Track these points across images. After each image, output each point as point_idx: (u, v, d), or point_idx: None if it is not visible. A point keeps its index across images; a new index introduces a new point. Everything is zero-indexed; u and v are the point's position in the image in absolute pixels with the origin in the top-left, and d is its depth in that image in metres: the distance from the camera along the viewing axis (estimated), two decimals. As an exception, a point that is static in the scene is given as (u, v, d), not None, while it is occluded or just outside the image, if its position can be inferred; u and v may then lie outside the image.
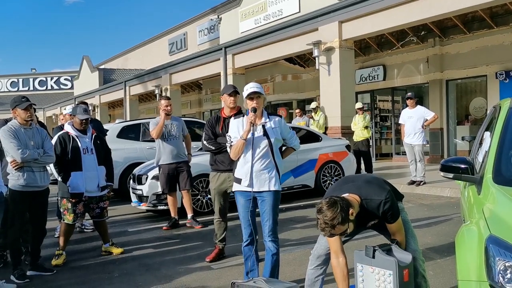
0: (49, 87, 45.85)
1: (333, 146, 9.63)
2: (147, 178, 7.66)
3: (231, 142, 3.97)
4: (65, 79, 45.32)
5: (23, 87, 45.86)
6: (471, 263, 2.44)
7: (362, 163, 11.18)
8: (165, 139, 6.79)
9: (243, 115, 4.06)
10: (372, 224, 3.19)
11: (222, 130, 4.81)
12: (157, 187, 7.41)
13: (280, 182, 3.97)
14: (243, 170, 3.91)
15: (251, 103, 3.85)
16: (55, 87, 45.64)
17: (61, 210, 5.40)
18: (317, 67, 12.96)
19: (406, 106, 10.20)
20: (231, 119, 4.17)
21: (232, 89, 4.76)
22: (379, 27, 11.71)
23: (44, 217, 4.95)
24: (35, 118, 5.00)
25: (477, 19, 12.88)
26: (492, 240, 2.35)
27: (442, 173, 3.47)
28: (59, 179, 5.27)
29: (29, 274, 4.78)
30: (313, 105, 13.00)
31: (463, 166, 3.30)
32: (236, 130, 3.98)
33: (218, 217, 5.06)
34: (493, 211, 2.65)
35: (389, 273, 2.82)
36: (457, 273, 2.53)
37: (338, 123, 12.21)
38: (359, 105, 11.49)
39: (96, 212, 5.46)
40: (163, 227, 6.86)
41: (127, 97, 25.52)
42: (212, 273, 4.75)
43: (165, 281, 4.55)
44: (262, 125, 3.90)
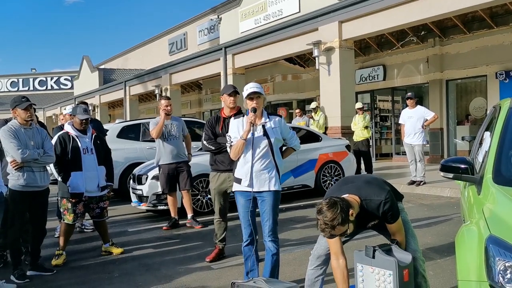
0: (49, 87, 45.85)
1: (333, 146, 9.63)
2: (147, 178, 7.66)
3: (231, 142, 3.97)
4: (65, 79, 45.32)
5: (23, 87, 45.86)
6: (471, 263, 2.44)
7: (362, 163, 11.18)
8: (165, 139, 6.79)
9: (243, 115, 4.06)
10: (372, 224, 3.19)
11: (222, 130, 4.81)
12: (157, 187, 7.42)
13: (280, 182, 3.97)
14: (243, 170, 3.91)
15: (251, 103, 3.85)
16: (55, 87, 45.64)
17: (61, 210, 5.40)
18: (317, 67, 12.96)
19: (406, 106, 10.20)
20: (231, 119, 4.16)
21: (232, 89, 4.76)
22: (379, 27, 11.71)
23: (44, 217, 4.95)
24: (35, 118, 5.00)
25: (477, 19, 12.88)
26: (492, 240, 2.35)
27: (442, 173, 3.47)
28: (59, 179, 5.27)
29: (29, 274, 4.78)
30: (313, 105, 13.00)
31: (463, 166, 3.30)
32: (236, 130, 3.98)
33: (218, 217, 5.06)
34: (493, 211, 2.65)
35: (389, 273, 2.83)
36: (457, 273, 2.53)
37: (338, 123, 12.21)
38: (359, 105, 11.49)
39: (96, 212, 5.47)
40: (163, 227, 6.86)
41: (127, 97, 25.52)
42: (212, 273, 4.75)
43: (165, 281, 4.55)
44: (262, 125, 3.90)
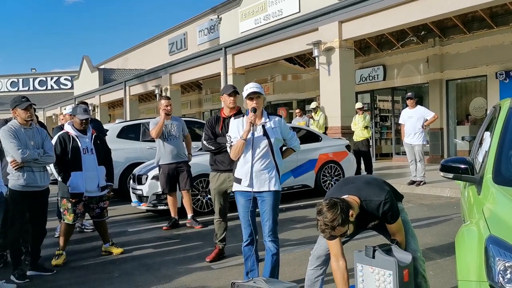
0: (49, 87, 45.85)
1: (333, 146, 9.64)
2: (147, 178, 7.66)
3: (231, 142, 3.97)
4: (65, 79, 45.32)
5: (23, 87, 45.86)
6: (471, 263, 2.44)
7: (362, 163, 11.18)
8: (165, 139, 6.79)
9: (243, 115, 4.06)
10: (372, 225, 3.19)
11: (222, 130, 4.81)
12: (157, 187, 7.42)
13: (280, 182, 3.97)
14: (243, 170, 3.91)
15: (251, 103, 3.85)
16: (55, 87, 45.64)
17: (61, 210, 5.40)
18: (317, 67, 12.95)
19: (406, 106, 10.20)
20: (231, 119, 4.16)
21: (232, 89, 4.76)
22: (379, 27, 11.71)
23: (44, 217, 4.95)
24: (35, 118, 5.00)
25: (477, 19, 12.88)
26: (492, 240, 2.35)
27: (442, 173, 3.47)
28: (59, 179, 5.27)
29: (29, 274, 4.78)
30: (313, 105, 13.00)
31: (463, 166, 3.30)
32: (236, 130, 3.98)
33: (218, 217, 5.06)
34: (493, 211, 2.65)
35: (389, 273, 2.83)
36: (457, 273, 2.53)
37: (338, 123, 12.21)
38: (359, 105, 11.49)
39: (96, 212, 5.47)
40: (163, 227, 6.86)
41: (127, 97, 25.52)
42: (212, 273, 4.75)
43: (165, 281, 4.55)
44: (262, 125, 3.90)
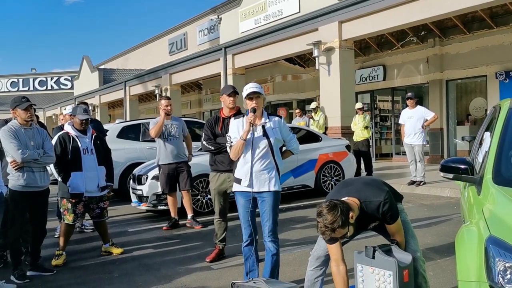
0: (49, 87, 45.85)
1: (333, 146, 9.63)
2: (147, 178, 7.66)
3: (231, 142, 3.97)
4: (65, 79, 45.32)
5: (23, 87, 45.86)
6: (471, 263, 2.44)
7: (362, 163, 11.18)
8: (165, 139, 6.79)
9: (243, 116, 4.06)
10: (373, 226, 3.19)
11: (222, 130, 4.82)
12: (157, 187, 7.42)
13: (280, 182, 3.97)
14: (243, 171, 3.91)
15: (251, 103, 3.85)
16: (55, 87, 45.64)
17: (61, 210, 5.41)
18: (317, 67, 12.95)
19: (406, 106, 10.20)
20: (231, 119, 4.17)
21: (231, 89, 4.77)
22: (379, 27, 11.70)
23: (44, 217, 4.95)
24: (35, 118, 5.00)
25: (477, 19, 12.88)
26: (492, 241, 2.35)
27: (442, 174, 3.47)
28: (59, 179, 5.27)
29: (29, 274, 4.78)
30: (313, 105, 13.00)
31: (463, 167, 3.30)
32: (236, 131, 3.98)
33: (218, 217, 5.06)
34: (493, 211, 2.65)
35: (389, 274, 2.83)
36: (457, 273, 2.53)
37: (338, 123, 12.21)
38: (359, 105, 11.49)
39: (96, 212, 5.47)
40: (163, 227, 6.86)
41: (127, 97, 25.52)
42: (212, 273, 4.75)
43: (165, 281, 4.55)
44: (262, 125, 3.90)
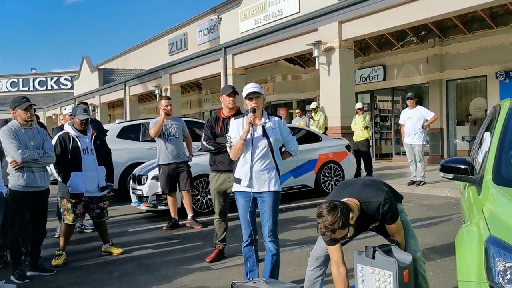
0: (49, 87, 45.85)
1: (333, 146, 9.63)
2: (147, 178, 7.66)
3: (231, 142, 3.97)
4: (65, 79, 45.32)
5: (23, 87, 45.86)
6: (471, 263, 2.44)
7: (362, 164, 11.18)
8: (165, 139, 6.79)
9: (243, 116, 4.06)
10: (373, 226, 3.19)
11: (221, 130, 4.82)
12: (157, 187, 7.41)
13: (280, 182, 3.97)
14: (243, 171, 3.91)
15: (251, 103, 3.85)
16: (55, 87, 45.64)
17: (61, 211, 5.40)
18: (317, 67, 12.95)
19: (406, 106, 10.20)
20: (232, 119, 4.17)
21: (231, 89, 4.77)
22: (379, 27, 11.70)
23: (44, 217, 4.95)
24: (35, 119, 5.00)
25: (477, 19, 12.88)
26: (492, 241, 2.35)
27: (442, 174, 3.47)
28: (59, 179, 5.27)
29: (29, 274, 4.78)
30: (313, 105, 13.00)
31: (463, 167, 3.30)
32: (236, 131, 3.98)
33: (218, 218, 5.06)
34: (493, 211, 2.65)
35: (389, 274, 2.83)
36: (457, 273, 2.53)
37: (338, 123, 12.21)
38: (359, 105, 11.49)
39: (96, 212, 5.46)
40: (163, 228, 6.86)
41: (127, 97, 25.52)
42: (212, 273, 4.75)
43: (165, 281, 4.55)
44: (262, 125, 3.90)
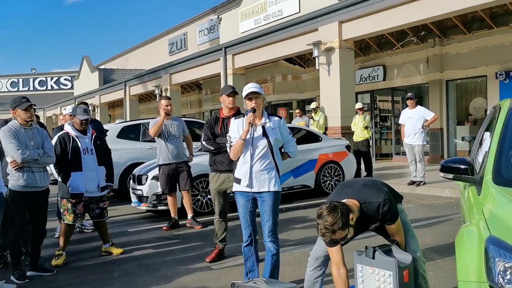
0: (49, 87, 45.85)
1: (333, 146, 9.63)
2: (147, 178, 7.66)
3: (231, 142, 3.97)
4: (65, 79, 45.31)
5: (23, 87, 45.86)
6: (471, 264, 2.44)
7: (362, 164, 11.18)
8: (165, 139, 6.79)
9: (243, 116, 4.06)
10: (373, 227, 3.19)
11: (221, 130, 4.82)
12: (157, 187, 7.41)
13: (280, 182, 3.97)
14: (243, 171, 3.91)
15: (250, 104, 3.86)
16: (55, 87, 45.64)
17: (61, 211, 5.40)
18: (317, 67, 12.95)
19: (406, 107, 10.20)
20: (232, 119, 4.17)
21: (231, 89, 4.78)
22: (379, 27, 11.70)
23: (44, 217, 4.95)
24: (35, 119, 5.00)
25: (477, 19, 12.88)
26: (492, 241, 2.35)
27: (442, 174, 3.47)
28: (59, 179, 5.27)
29: (29, 274, 4.78)
30: (313, 105, 13.00)
31: (463, 167, 3.30)
32: (236, 131, 3.98)
33: (218, 218, 5.06)
34: (493, 212, 2.64)
35: (389, 274, 2.83)
36: (457, 273, 2.53)
37: (338, 123, 12.21)
38: (359, 105, 11.49)
39: (96, 212, 5.46)
40: (163, 228, 6.86)
41: (127, 97, 25.51)
42: (212, 273, 4.75)
43: (165, 281, 4.55)
44: (262, 125, 3.90)
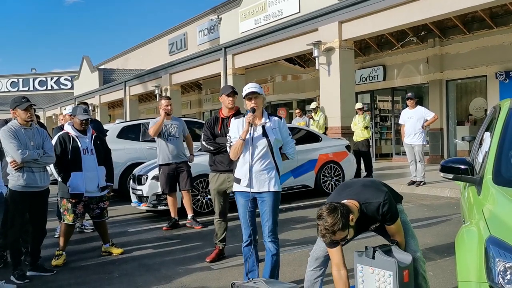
0: (49, 87, 45.84)
1: (333, 146, 9.63)
2: (147, 178, 7.66)
3: (231, 142, 3.97)
4: (65, 79, 45.31)
5: (23, 87, 45.85)
6: (471, 264, 2.44)
7: (362, 164, 11.18)
8: (165, 139, 6.79)
9: (244, 116, 4.05)
10: (374, 227, 3.19)
11: (221, 130, 4.83)
12: (157, 187, 7.41)
13: (280, 182, 3.97)
14: (243, 170, 3.91)
15: (250, 104, 3.86)
16: (55, 87, 45.64)
17: (61, 211, 5.40)
18: (317, 67, 12.95)
19: (406, 107, 10.20)
20: (232, 119, 4.17)
21: (230, 89, 4.78)
22: (379, 27, 11.70)
23: (44, 217, 4.95)
24: (35, 119, 5.00)
25: (477, 19, 12.88)
26: (492, 241, 2.35)
27: (442, 174, 3.47)
28: (59, 179, 5.27)
29: (29, 274, 4.78)
30: (313, 105, 13.00)
31: (463, 167, 3.30)
32: (236, 131, 3.98)
33: (218, 218, 5.06)
34: (493, 212, 2.64)
35: (389, 274, 2.83)
36: (457, 274, 2.53)
37: (338, 123, 12.21)
38: (359, 105, 11.49)
39: (96, 212, 5.46)
40: (163, 228, 6.86)
41: (127, 97, 25.51)
42: (212, 273, 4.75)
43: (165, 281, 4.55)
44: (262, 125, 3.90)
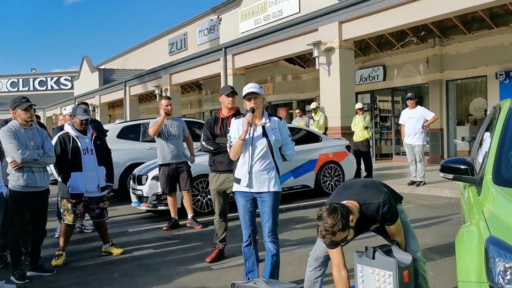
0: (49, 87, 45.84)
1: (333, 146, 9.64)
2: (147, 178, 7.66)
3: (231, 142, 3.97)
4: (65, 79, 45.31)
5: (23, 87, 45.86)
6: (471, 264, 2.44)
7: (362, 164, 11.18)
8: (165, 139, 6.79)
9: (243, 116, 4.05)
10: (374, 228, 3.19)
11: (221, 130, 4.83)
12: (157, 187, 7.41)
13: (280, 182, 3.97)
14: (242, 171, 3.91)
15: (249, 104, 3.86)
16: (55, 87, 45.64)
17: (61, 211, 5.41)
18: (317, 68, 12.95)
19: (406, 107, 10.20)
20: (232, 119, 4.17)
21: (230, 89, 4.79)
22: (379, 27, 11.70)
23: (44, 217, 4.95)
24: (35, 119, 5.00)
25: (477, 19, 12.88)
26: (492, 241, 2.35)
27: (442, 174, 3.47)
28: (59, 179, 5.27)
29: (29, 274, 4.78)
30: (313, 105, 13.00)
31: (463, 167, 3.30)
32: (236, 131, 3.98)
33: (218, 218, 5.06)
34: (493, 212, 2.65)
35: (389, 274, 2.83)
36: (457, 274, 2.53)
37: (338, 124, 12.21)
38: (359, 105, 11.49)
39: (96, 212, 5.46)
40: (163, 228, 6.86)
41: (127, 97, 25.52)
42: (212, 273, 4.75)
43: (165, 281, 4.55)
44: (262, 125, 3.90)
